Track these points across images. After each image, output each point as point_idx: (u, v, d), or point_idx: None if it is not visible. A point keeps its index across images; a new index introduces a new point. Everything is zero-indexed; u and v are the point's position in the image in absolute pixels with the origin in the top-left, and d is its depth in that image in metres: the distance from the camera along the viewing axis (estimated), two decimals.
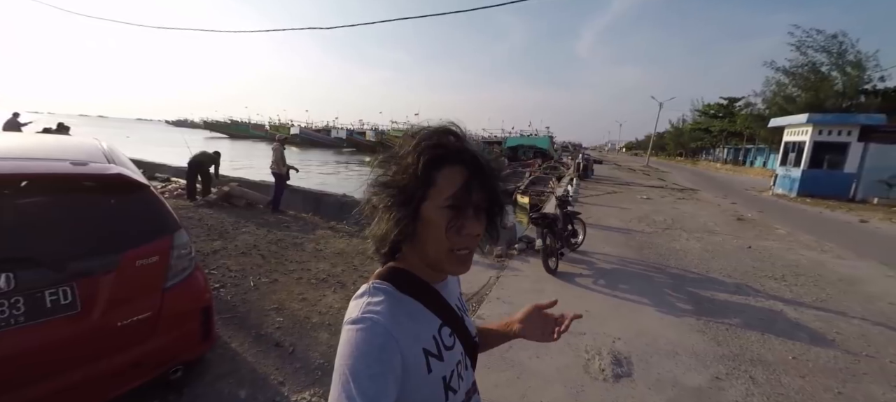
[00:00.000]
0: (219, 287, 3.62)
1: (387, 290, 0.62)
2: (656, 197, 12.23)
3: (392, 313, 0.59)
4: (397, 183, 0.61)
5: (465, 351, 0.71)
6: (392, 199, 0.61)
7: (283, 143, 7.47)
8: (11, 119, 10.61)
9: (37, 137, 2.74)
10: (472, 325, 0.77)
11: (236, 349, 2.69)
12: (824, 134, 13.86)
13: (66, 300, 1.69)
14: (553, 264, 4.53)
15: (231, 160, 23.71)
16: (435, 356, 0.62)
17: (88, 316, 1.73)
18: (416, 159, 0.59)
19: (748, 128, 28.74)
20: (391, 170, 0.62)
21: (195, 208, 6.67)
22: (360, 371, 0.52)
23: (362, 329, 0.55)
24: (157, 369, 2.01)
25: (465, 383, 0.70)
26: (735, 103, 37.96)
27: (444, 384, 0.63)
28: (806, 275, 5.04)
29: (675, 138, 54.72)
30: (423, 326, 0.63)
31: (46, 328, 1.63)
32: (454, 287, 0.76)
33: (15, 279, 1.57)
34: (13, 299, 1.58)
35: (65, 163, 1.91)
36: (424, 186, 0.59)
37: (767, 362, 2.88)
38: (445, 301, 0.69)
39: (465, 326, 0.73)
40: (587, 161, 18.09)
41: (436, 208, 0.59)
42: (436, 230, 0.59)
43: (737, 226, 8.23)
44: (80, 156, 2.05)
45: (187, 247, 2.15)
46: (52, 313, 1.65)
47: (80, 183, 1.89)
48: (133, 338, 1.88)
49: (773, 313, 3.77)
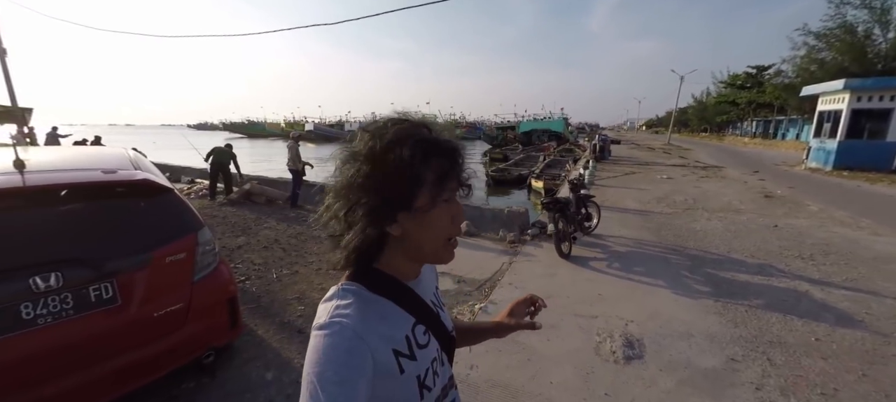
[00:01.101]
0: (244, 280, 3.83)
1: (356, 291, 0.61)
2: (677, 176, 11.85)
3: (361, 315, 0.57)
4: (381, 185, 0.56)
5: (441, 347, 0.70)
6: (376, 202, 0.57)
7: (297, 140, 7.67)
8: (51, 132, 11.41)
9: (71, 150, 2.96)
10: (448, 319, 0.76)
11: (262, 336, 2.87)
12: (864, 100, 12.87)
13: (108, 294, 1.88)
14: (566, 249, 4.53)
15: (250, 159, 24.47)
16: (407, 357, 0.61)
17: (128, 308, 1.92)
18: (407, 157, 0.55)
19: (778, 98, 27.19)
20: (364, 170, 0.57)
21: (218, 207, 6.98)
22: (328, 377, 0.51)
23: (330, 335, 0.54)
24: (191, 354, 2.19)
25: (441, 379, 0.69)
26: (764, 72, 35.87)
27: (418, 382, 0.62)
28: (837, 253, 4.83)
29: (699, 113, 52.30)
30: (396, 326, 0.62)
31: (92, 320, 1.82)
32: (430, 282, 0.75)
33: (63, 278, 1.75)
34: (62, 294, 1.77)
35: (97, 172, 2.08)
36: (414, 185, 0.57)
37: (788, 343, 2.82)
38: (419, 298, 0.68)
39: (440, 321, 0.71)
40: (604, 142, 17.62)
41: (433, 203, 0.58)
42: (435, 226, 0.59)
43: (764, 204, 7.91)
44: (110, 165, 2.22)
45: (211, 243, 2.30)
46: (96, 306, 1.84)
47: (112, 189, 2.06)
48: (168, 327, 2.06)
49: (797, 294, 3.66)
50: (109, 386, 1.89)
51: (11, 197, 1.79)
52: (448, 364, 0.73)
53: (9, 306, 1.64)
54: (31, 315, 1.68)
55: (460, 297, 3.64)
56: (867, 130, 13.07)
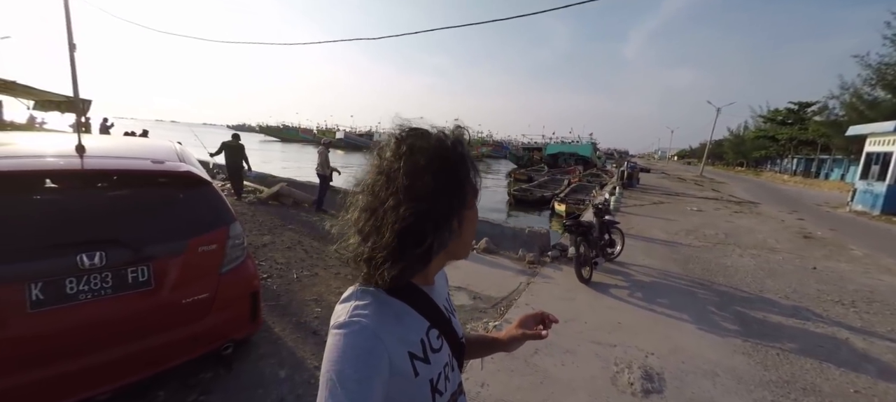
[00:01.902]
0: (266, 278, 3.95)
1: (374, 293, 0.62)
2: (709, 209, 11.39)
3: (379, 316, 0.59)
4: (437, 193, 0.58)
5: (452, 353, 0.72)
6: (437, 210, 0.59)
7: (328, 146, 7.94)
8: (103, 123, 12.37)
9: (124, 140, 3.19)
10: (459, 326, 0.77)
11: (279, 334, 2.94)
12: None
13: (144, 278, 1.98)
14: (587, 274, 4.43)
15: (282, 163, 25.42)
16: (421, 360, 0.62)
17: (160, 292, 2.01)
18: (461, 166, 0.62)
19: (822, 136, 25.87)
20: (424, 180, 0.58)
21: (248, 206, 7.27)
22: (347, 374, 0.52)
23: (349, 333, 0.56)
24: (212, 344, 2.26)
25: (452, 385, 0.70)
26: (807, 108, 34.35)
27: (430, 386, 0.63)
28: (882, 302, 4.49)
29: (735, 147, 50.37)
30: (411, 328, 0.63)
31: (128, 300, 1.92)
32: (442, 288, 0.77)
33: (106, 257, 1.86)
34: (104, 274, 1.88)
35: (146, 161, 2.24)
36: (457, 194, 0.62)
37: (823, 392, 2.63)
38: (433, 303, 0.69)
39: (452, 327, 0.73)
40: (632, 169, 17.23)
41: (470, 209, 0.64)
42: (471, 229, 0.66)
43: (802, 244, 7.47)
44: (159, 156, 2.38)
45: (241, 237, 2.41)
46: (132, 287, 1.94)
47: (158, 178, 2.20)
48: (194, 314, 2.14)
49: (836, 341, 3.42)
50: (134, 366, 1.96)
51: (71, 178, 1.95)
52: (458, 370, 0.75)
53: (57, 280, 1.74)
54: (73, 290, 1.78)
55: (475, 313, 3.61)
56: None
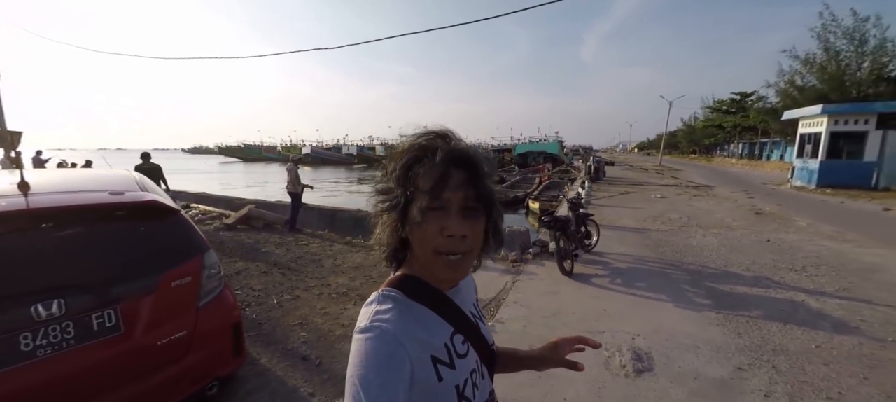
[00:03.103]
0: (244, 307, 3.75)
1: (396, 297, 0.62)
2: (671, 195, 12.07)
3: (401, 320, 0.58)
4: (386, 188, 0.62)
5: (481, 360, 0.69)
6: (384, 204, 0.63)
7: (297, 163, 7.71)
8: (36, 157, 11.28)
9: (73, 172, 2.93)
10: (488, 333, 0.74)
11: (265, 365, 2.79)
12: (840, 124, 13.57)
13: (111, 323, 1.80)
14: (568, 266, 4.55)
15: (245, 184, 24.34)
16: (446, 364, 0.61)
17: (131, 337, 1.83)
18: (396, 162, 0.60)
19: (762, 122, 28.25)
20: (380, 177, 0.64)
21: (214, 232, 6.89)
22: (370, 380, 0.52)
23: (371, 338, 0.55)
24: (195, 385, 2.11)
25: (481, 393, 0.67)
26: (747, 98, 37.38)
27: (457, 392, 0.61)
28: (827, 265, 4.93)
29: (688, 136, 53.92)
30: (434, 333, 0.62)
31: (94, 350, 1.73)
32: (469, 294, 0.75)
33: (65, 305, 1.68)
34: (64, 323, 1.69)
35: (104, 194, 2.06)
36: (406, 189, 0.59)
37: (790, 351, 2.85)
38: (458, 308, 0.68)
39: (480, 333, 0.70)
40: (598, 163, 17.98)
41: (417, 209, 0.58)
42: (420, 233, 0.59)
43: (755, 220, 8.08)
44: (118, 186, 2.21)
45: (216, 266, 2.27)
46: (98, 335, 1.75)
47: (119, 211, 2.03)
48: (171, 356, 1.98)
49: (794, 304, 3.72)
50: None
51: (16, 219, 1.74)
52: (488, 379, 0.72)
53: (7, 337, 1.55)
54: (29, 347, 1.59)
55: None
56: (845, 151, 13.68)
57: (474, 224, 0.59)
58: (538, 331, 3.22)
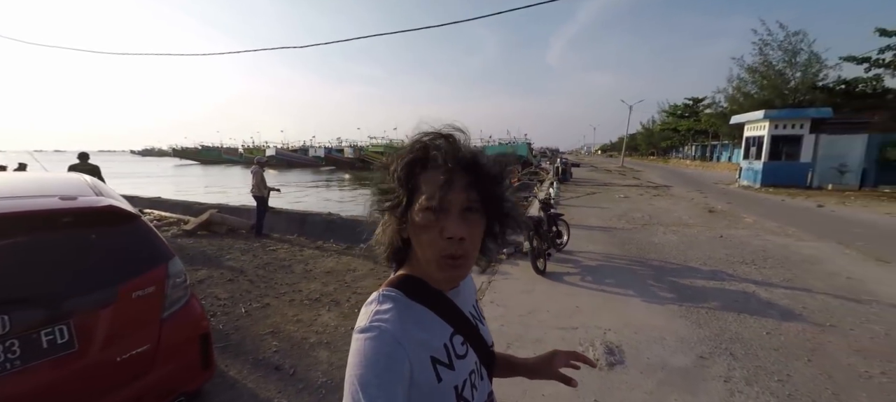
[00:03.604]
0: (209, 317, 3.54)
1: (396, 297, 0.62)
2: (633, 195, 12.70)
3: (400, 320, 0.58)
4: (387, 189, 0.62)
5: (480, 361, 0.69)
6: (385, 205, 0.63)
7: (263, 165, 7.41)
8: None
9: (20, 176, 2.66)
10: (488, 334, 0.75)
11: (235, 377, 2.66)
12: (780, 128, 14.86)
13: (63, 339, 1.66)
14: (541, 265, 4.67)
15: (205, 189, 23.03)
16: (445, 365, 0.61)
17: (87, 353, 1.70)
18: (399, 162, 0.60)
19: (712, 126, 30.31)
20: (384, 176, 0.64)
21: (171, 239, 6.48)
22: (369, 380, 0.52)
23: (371, 338, 0.56)
24: (160, 401, 1.98)
25: (480, 394, 0.67)
26: (699, 103, 40.03)
27: (456, 393, 0.61)
28: (773, 258, 5.38)
29: (647, 139, 56.89)
30: (434, 333, 0.62)
31: (43, 369, 1.59)
32: (469, 295, 0.75)
33: (10, 322, 1.54)
34: (8, 342, 1.54)
35: (53, 199, 1.89)
36: (409, 190, 0.59)
37: (744, 338, 3.08)
38: (458, 309, 0.68)
39: (479, 334, 0.71)
40: (565, 165, 18.59)
41: (418, 211, 0.58)
42: (419, 234, 0.59)
43: (709, 218, 8.66)
44: (68, 191, 2.03)
45: (182, 275, 2.14)
46: (48, 353, 1.61)
47: (72, 218, 1.87)
48: (133, 372, 1.85)
49: (746, 295, 4.02)
50: None
51: None
52: (487, 380, 0.72)
53: None
54: None
55: None
56: (784, 153, 15.00)
57: (474, 226, 0.60)
58: (515, 330, 3.28)
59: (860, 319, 3.43)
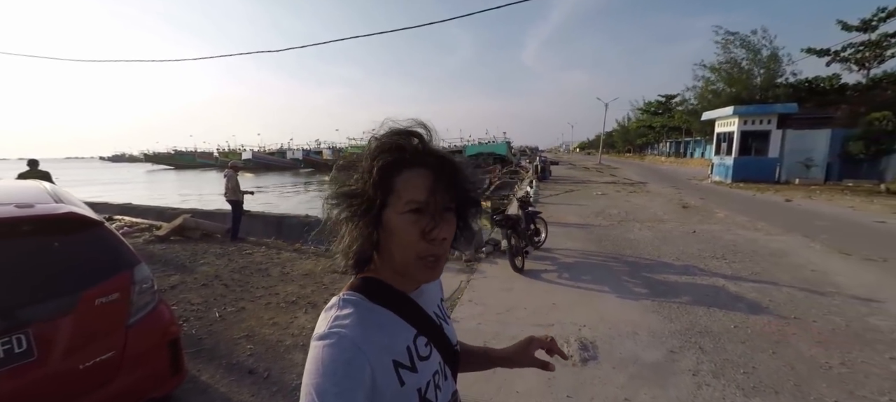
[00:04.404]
0: (181, 322, 3.45)
1: (357, 301, 0.61)
2: (611, 192, 13.00)
3: (361, 325, 0.57)
4: (357, 192, 0.59)
5: (444, 360, 0.68)
6: (353, 209, 0.60)
7: (236, 169, 7.23)
8: None
9: None
10: (452, 333, 0.74)
11: (207, 382, 2.60)
12: (749, 124, 15.44)
13: (21, 348, 1.62)
14: (520, 263, 4.74)
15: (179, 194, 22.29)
16: (407, 368, 0.60)
17: (47, 362, 1.67)
18: (372, 165, 0.58)
19: (685, 122, 31.30)
20: (352, 179, 0.61)
21: (144, 245, 6.26)
22: (327, 389, 0.50)
23: (329, 345, 0.54)
24: None
25: (444, 394, 0.67)
26: (672, 100, 41.28)
27: (419, 396, 0.60)
28: (743, 252, 5.61)
29: (623, 136, 58.25)
30: (396, 336, 0.61)
31: (1, 379, 1.55)
32: (433, 295, 0.74)
33: None
34: None
35: (9, 207, 1.82)
36: (384, 193, 0.58)
37: (713, 332, 3.21)
38: (421, 310, 0.67)
39: (443, 334, 0.70)
40: (544, 163, 18.84)
41: (397, 213, 0.57)
42: (400, 237, 0.58)
43: (682, 213, 8.96)
44: (25, 198, 1.96)
45: (149, 281, 2.10)
46: (5, 363, 1.57)
47: (27, 226, 1.81)
48: (97, 379, 1.81)
49: (716, 289, 4.18)
50: None
51: None
52: (451, 379, 0.71)
53: None
54: None
55: None
56: (754, 149, 15.61)
57: (451, 226, 0.61)
58: (492, 328, 3.32)
59: (823, 311, 3.60)
